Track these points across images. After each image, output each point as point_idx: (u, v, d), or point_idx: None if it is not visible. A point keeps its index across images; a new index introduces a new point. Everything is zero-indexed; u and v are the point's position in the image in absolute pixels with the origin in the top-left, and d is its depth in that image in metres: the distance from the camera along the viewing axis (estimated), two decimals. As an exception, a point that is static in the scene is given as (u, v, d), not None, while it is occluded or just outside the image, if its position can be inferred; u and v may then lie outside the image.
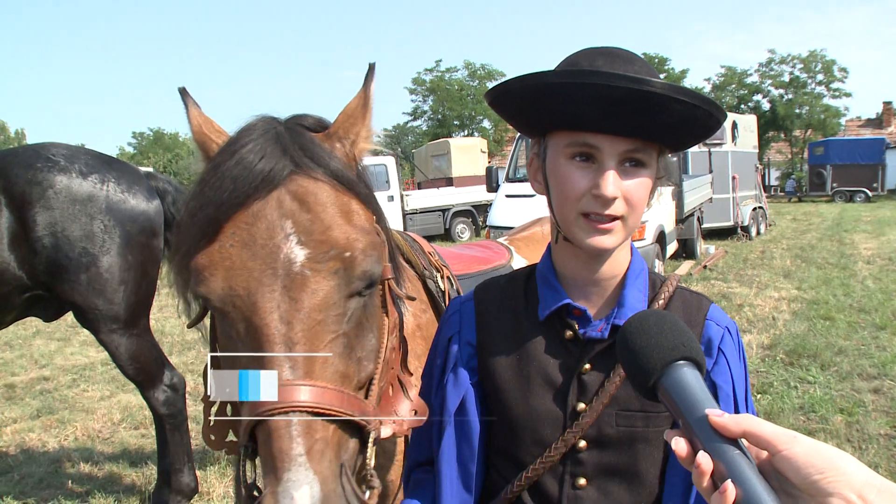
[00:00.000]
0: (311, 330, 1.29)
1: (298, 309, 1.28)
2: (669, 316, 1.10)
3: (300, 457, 1.20)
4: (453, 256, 2.73)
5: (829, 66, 52.24)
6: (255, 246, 1.30)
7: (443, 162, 28.43)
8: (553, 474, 1.44)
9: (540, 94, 1.35)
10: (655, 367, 1.02)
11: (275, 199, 1.34)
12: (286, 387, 1.24)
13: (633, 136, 1.32)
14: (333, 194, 1.39)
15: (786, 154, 55.36)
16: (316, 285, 1.30)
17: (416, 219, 23.80)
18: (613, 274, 1.46)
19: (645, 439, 1.41)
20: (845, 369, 7.15)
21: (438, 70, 56.35)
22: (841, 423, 5.76)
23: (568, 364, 1.45)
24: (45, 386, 8.23)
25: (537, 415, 1.44)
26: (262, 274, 1.29)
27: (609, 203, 1.32)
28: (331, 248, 1.32)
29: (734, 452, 0.90)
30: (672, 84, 1.26)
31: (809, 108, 52.12)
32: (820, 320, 9.32)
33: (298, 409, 1.23)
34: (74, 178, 3.98)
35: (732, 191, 19.31)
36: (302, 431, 1.22)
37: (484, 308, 1.58)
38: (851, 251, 16.29)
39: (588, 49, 1.40)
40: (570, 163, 1.36)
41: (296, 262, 1.30)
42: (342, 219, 1.37)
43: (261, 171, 1.33)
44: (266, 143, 1.37)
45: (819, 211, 30.40)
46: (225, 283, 1.30)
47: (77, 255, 3.89)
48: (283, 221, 1.32)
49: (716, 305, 1.49)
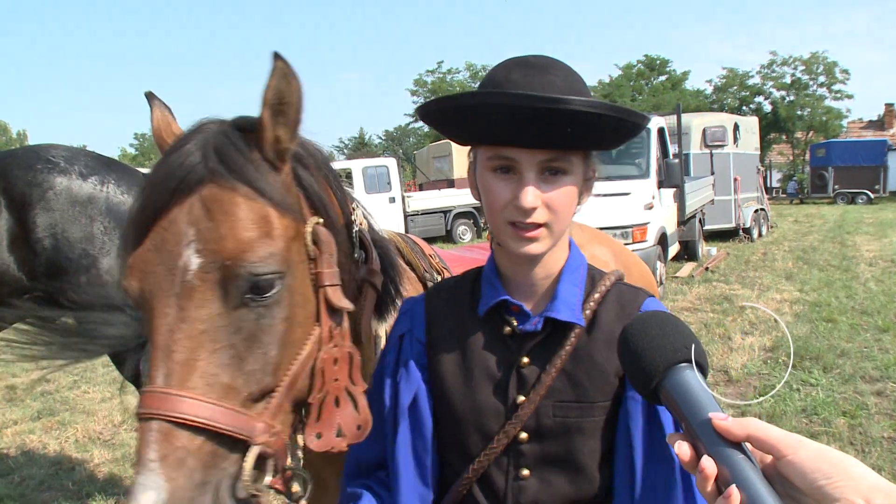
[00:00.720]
0: (192, 340, 1.29)
1: (183, 318, 1.30)
2: (671, 318, 1.10)
3: (153, 462, 1.22)
4: (454, 259, 2.72)
5: (830, 68, 52.26)
6: (163, 251, 1.34)
7: (444, 163, 28.44)
8: (498, 466, 1.48)
9: (455, 114, 1.43)
10: (658, 370, 1.01)
11: (188, 205, 1.35)
12: (155, 394, 1.26)
13: (548, 147, 1.35)
14: (242, 202, 1.37)
15: (787, 156, 55.38)
16: (201, 295, 1.31)
17: (418, 220, 23.82)
18: (548, 273, 1.51)
19: (580, 430, 1.44)
20: (848, 372, 7.13)
21: (440, 72, 56.53)
22: (844, 426, 5.75)
23: (507, 358, 1.49)
24: (46, 387, 8.23)
25: (481, 408, 1.48)
26: (164, 279, 1.32)
27: (529, 213, 1.36)
28: (218, 257, 1.32)
29: (738, 457, 0.89)
30: (578, 98, 1.29)
31: (811, 110, 52.14)
32: (822, 322, 9.31)
33: (159, 417, 1.24)
34: (74, 179, 3.96)
35: (734, 192, 19.30)
36: (159, 438, 1.23)
37: (433, 307, 1.63)
38: (853, 253, 16.27)
39: (508, 60, 1.44)
40: (493, 175, 1.40)
41: (189, 270, 1.32)
42: (242, 228, 1.34)
43: (179, 176, 1.35)
44: (192, 149, 1.38)
45: (821, 213, 30.38)
46: (139, 285, 1.35)
47: (77, 256, 3.87)
48: (188, 229, 1.34)
49: (654, 298, 1.54)
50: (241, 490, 1.30)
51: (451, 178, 27.40)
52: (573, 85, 1.36)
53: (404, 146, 60.68)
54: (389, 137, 65.67)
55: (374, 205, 15.98)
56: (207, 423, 1.26)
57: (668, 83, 55.55)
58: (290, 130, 1.45)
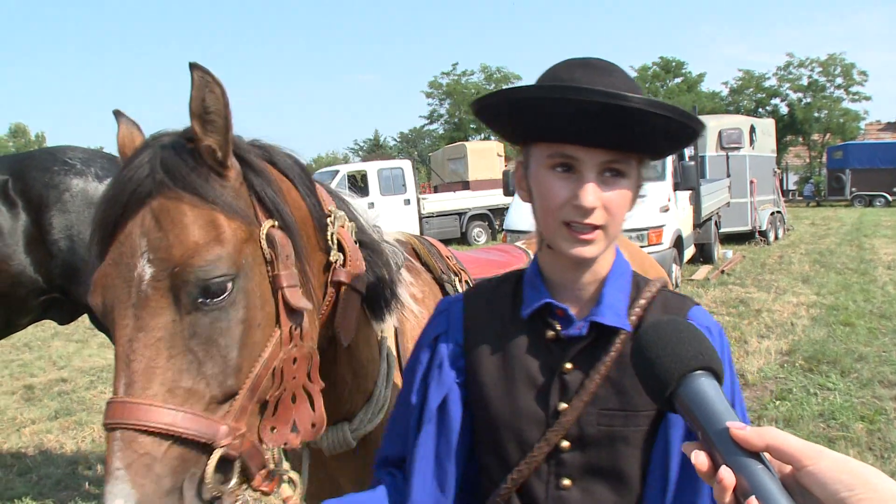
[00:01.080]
0: (150, 348, 1.31)
1: (140, 328, 1.32)
2: (686, 324, 1.08)
3: (118, 471, 1.23)
4: (471, 260, 2.71)
5: (848, 70, 51.87)
6: (120, 265, 1.37)
7: (459, 165, 28.44)
8: (538, 476, 1.44)
9: (519, 109, 1.39)
10: (673, 378, 1.00)
11: (140, 217, 1.39)
12: (117, 403, 1.28)
13: (611, 147, 1.34)
14: (190, 211, 1.39)
15: (804, 158, 55.00)
16: (155, 303, 1.33)
17: (433, 222, 23.80)
18: (595, 277, 1.48)
19: (624, 439, 1.41)
20: (866, 376, 7.06)
21: (455, 73, 56.46)
22: (862, 431, 5.68)
23: (550, 364, 1.46)
24: (63, 387, 8.29)
25: (520, 414, 1.45)
26: (122, 291, 1.35)
27: (589, 213, 1.34)
28: (168, 265, 1.34)
29: (757, 467, 0.87)
30: (647, 98, 1.28)
31: (828, 112, 51.75)
32: (839, 326, 9.22)
33: (122, 427, 1.26)
34: (91, 181, 4.00)
35: (750, 195, 19.18)
36: (123, 447, 1.25)
37: (472, 309, 1.60)
38: (871, 256, 16.12)
39: (568, 60, 1.42)
40: (551, 173, 1.38)
41: (144, 280, 1.34)
42: (188, 234, 1.36)
43: (129, 192, 1.39)
44: (141, 163, 1.41)
45: (838, 215, 30.12)
46: (101, 300, 1.39)
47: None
48: (140, 240, 1.37)
49: (700, 307, 1.50)
50: (205, 492, 1.32)
51: (466, 179, 27.39)
52: (634, 89, 1.34)
53: (419, 148, 60.66)
54: (404, 139, 65.72)
55: (389, 207, 16.06)
56: (169, 428, 1.27)
57: (684, 85, 55.18)
58: (220, 138, 1.44)
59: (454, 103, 56.11)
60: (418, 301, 2.14)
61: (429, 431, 1.51)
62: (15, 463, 5.95)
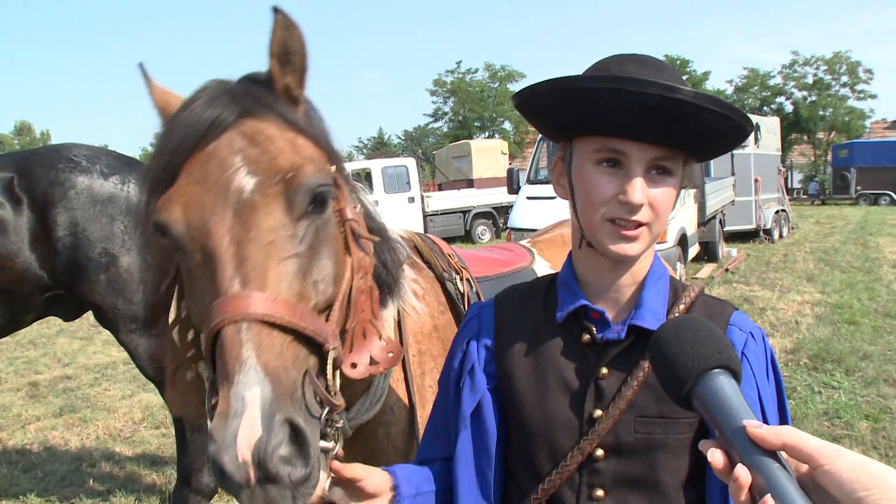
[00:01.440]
0: (263, 249, 1.34)
1: (249, 230, 1.35)
2: (705, 323, 1.07)
3: (250, 360, 1.23)
4: (474, 259, 2.71)
5: (853, 68, 51.76)
6: (208, 182, 1.39)
7: (464, 164, 28.44)
8: (570, 486, 1.40)
9: (570, 99, 1.34)
10: (690, 376, 0.99)
11: (225, 140, 1.42)
12: (237, 299, 1.28)
13: (662, 143, 1.31)
14: (279, 132, 1.46)
15: (809, 156, 54.94)
16: (266, 208, 1.37)
17: (437, 220, 23.82)
18: (634, 280, 1.44)
19: (664, 447, 1.36)
20: (870, 374, 7.05)
21: (459, 72, 56.36)
22: (867, 430, 5.67)
23: (585, 369, 1.41)
24: (68, 384, 8.31)
25: (553, 421, 1.41)
26: (215, 205, 1.37)
27: (636, 210, 1.31)
28: (277, 173, 1.39)
29: (773, 465, 0.87)
30: (704, 93, 1.25)
31: (833, 110, 51.67)
32: (844, 325, 9.21)
33: (247, 318, 1.26)
34: (96, 178, 3.99)
35: (755, 193, 19.16)
36: (252, 337, 1.25)
37: (504, 313, 1.57)
38: (876, 255, 16.08)
39: (618, 55, 1.39)
40: (597, 168, 1.35)
41: (245, 190, 1.37)
42: (289, 149, 1.44)
43: (209, 117, 1.42)
44: (216, 95, 1.46)
45: (843, 214, 30.08)
46: (182, 217, 1.39)
47: (97, 255, 3.90)
48: (232, 157, 1.40)
49: (741, 312, 1.46)
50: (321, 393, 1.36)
51: (470, 178, 27.39)
52: (686, 86, 1.29)
53: (423, 146, 60.68)
54: (409, 137, 65.68)
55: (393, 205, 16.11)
56: (293, 323, 1.30)
57: (689, 83, 54.23)
58: (298, 77, 1.53)
59: (458, 101, 56.02)
60: (419, 297, 2.15)
61: (466, 438, 1.49)
62: (20, 459, 5.95)
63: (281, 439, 1.18)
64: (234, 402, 1.18)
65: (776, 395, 1.40)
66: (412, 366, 2.06)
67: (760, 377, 1.38)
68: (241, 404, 1.18)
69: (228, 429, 1.16)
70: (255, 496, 1.18)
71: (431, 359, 2.12)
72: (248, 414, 1.17)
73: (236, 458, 1.15)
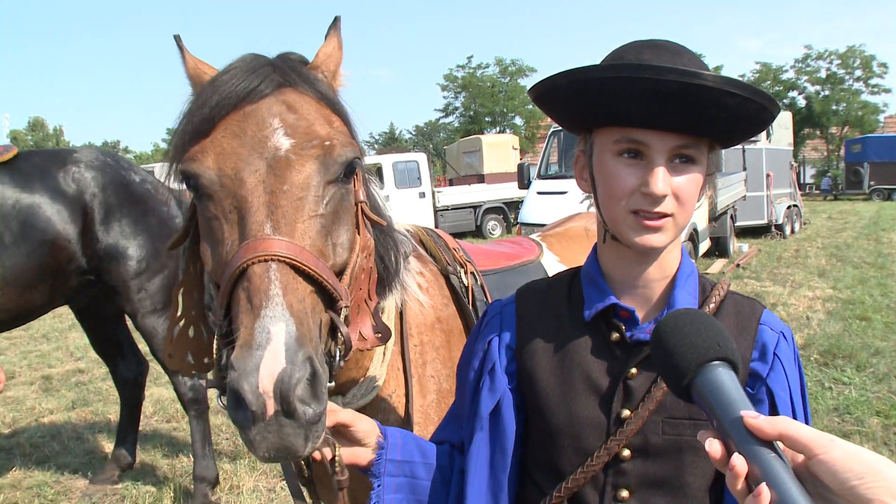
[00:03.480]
0: (293, 203, 1.40)
1: (282, 183, 1.40)
2: (705, 315, 1.08)
3: (277, 297, 1.26)
4: (480, 252, 2.71)
5: (867, 62, 51.36)
6: (244, 136, 1.44)
7: (474, 159, 28.43)
8: (594, 485, 1.37)
9: (586, 90, 1.31)
10: (690, 367, 1.00)
11: (265, 103, 1.49)
12: (267, 240, 1.32)
13: (684, 131, 1.27)
14: (316, 105, 1.55)
15: (821, 151, 54.56)
16: (300, 166, 1.43)
17: (448, 215, 23.82)
18: (663, 275, 1.41)
19: (693, 449, 1.33)
20: (882, 371, 7.02)
21: (470, 66, 56.26)
22: (877, 426, 5.66)
23: (613, 368, 1.39)
24: (80, 378, 8.38)
25: (579, 422, 1.38)
26: (250, 156, 1.42)
27: (659, 201, 1.27)
28: (314, 138, 1.47)
29: (769, 455, 0.88)
30: (725, 76, 1.21)
31: (847, 105, 51.33)
32: (856, 320, 9.16)
33: (277, 259, 1.30)
34: (132, 177, 4.68)
35: (766, 189, 19.06)
36: (280, 277, 1.29)
37: (525, 311, 1.53)
38: (889, 250, 15.98)
39: (634, 42, 1.35)
40: (618, 160, 1.31)
41: (281, 148, 1.43)
42: (324, 121, 1.53)
43: (251, 81, 1.48)
44: (258, 64, 1.54)
45: (856, 209, 29.87)
46: (215, 165, 1.43)
47: (131, 244, 4.49)
48: (271, 119, 1.46)
49: (770, 311, 1.43)
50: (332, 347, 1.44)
51: (481, 173, 27.38)
52: (706, 70, 1.25)
53: (434, 141, 60.56)
54: (420, 132, 65.58)
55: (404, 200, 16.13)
56: (317, 274, 1.35)
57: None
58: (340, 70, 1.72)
59: (469, 96, 55.97)
60: (423, 290, 2.16)
61: (482, 439, 1.46)
62: (34, 452, 6.02)
63: (303, 375, 1.20)
64: (258, 333, 1.20)
65: (801, 394, 1.38)
66: (413, 355, 2.08)
67: (792, 377, 1.36)
68: (265, 336, 1.20)
69: (251, 358, 1.18)
70: (268, 429, 1.19)
71: (433, 349, 2.14)
72: (272, 346, 1.19)
73: (256, 386, 1.16)
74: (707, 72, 1.21)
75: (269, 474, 5.28)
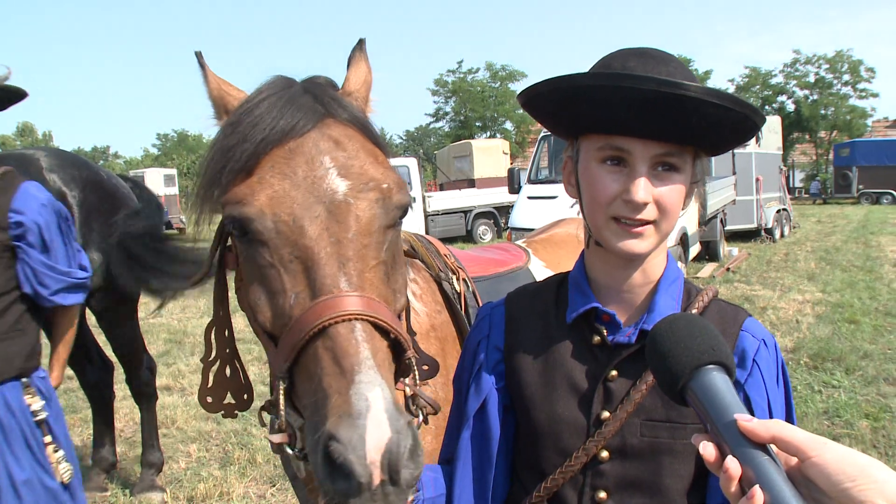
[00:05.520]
0: (360, 252, 1.35)
1: (346, 231, 1.35)
2: (700, 320, 1.08)
3: (368, 360, 1.23)
4: (470, 259, 2.72)
5: (855, 66, 51.76)
6: (295, 177, 1.38)
7: (465, 163, 28.43)
8: (573, 486, 1.39)
9: (570, 97, 1.32)
10: (684, 371, 1.01)
11: (311, 138, 1.42)
12: (346, 297, 1.28)
13: (666, 139, 1.29)
14: (360, 138, 1.49)
15: (810, 155, 54.89)
16: (360, 212, 1.38)
17: (438, 220, 23.80)
18: (646, 280, 1.42)
19: (670, 451, 1.35)
20: (871, 374, 7.06)
21: (460, 71, 56.35)
22: (866, 429, 5.69)
23: (594, 370, 1.41)
24: (69, 385, 8.26)
25: (560, 421, 1.40)
26: (306, 201, 1.36)
27: (640, 208, 1.29)
28: (369, 180, 1.42)
29: (763, 458, 0.89)
30: (705, 87, 1.22)
31: (835, 109, 51.71)
32: (844, 324, 9.22)
33: (362, 318, 1.27)
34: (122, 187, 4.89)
35: (756, 193, 19.16)
36: (366, 337, 1.26)
37: (514, 313, 1.56)
38: (878, 254, 16.09)
39: (622, 50, 1.37)
40: (601, 166, 1.33)
41: (338, 191, 1.38)
42: (372, 158, 1.47)
43: (294, 115, 1.42)
44: (294, 93, 1.47)
45: (844, 213, 30.07)
46: (270, 210, 1.36)
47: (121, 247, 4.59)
48: (321, 157, 1.40)
49: (754, 318, 1.45)
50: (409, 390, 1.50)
51: (471, 178, 27.38)
52: (691, 79, 1.27)
53: (425, 146, 60.65)
54: (410, 137, 65.65)
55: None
56: (394, 329, 1.32)
57: (691, 80, 54.79)
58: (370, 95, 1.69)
59: (460, 101, 56.05)
60: (417, 297, 2.17)
61: (466, 438, 1.48)
62: (21, 459, 5.96)
63: (408, 443, 1.18)
64: (356, 401, 1.17)
65: (784, 402, 1.39)
66: None
67: (770, 384, 1.36)
68: (364, 404, 1.17)
69: (355, 429, 1.15)
70: (374, 498, 1.16)
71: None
72: (373, 415, 1.16)
73: (364, 458, 1.13)
74: (687, 82, 1.22)
75: (259, 481, 5.25)
